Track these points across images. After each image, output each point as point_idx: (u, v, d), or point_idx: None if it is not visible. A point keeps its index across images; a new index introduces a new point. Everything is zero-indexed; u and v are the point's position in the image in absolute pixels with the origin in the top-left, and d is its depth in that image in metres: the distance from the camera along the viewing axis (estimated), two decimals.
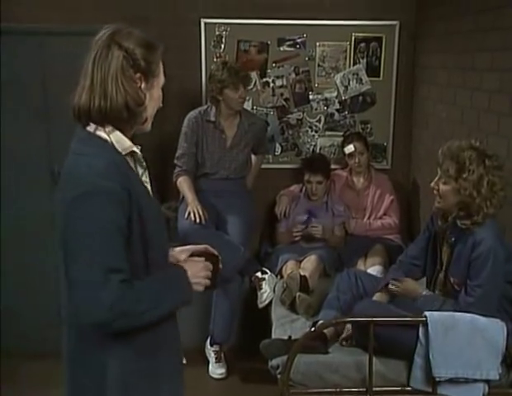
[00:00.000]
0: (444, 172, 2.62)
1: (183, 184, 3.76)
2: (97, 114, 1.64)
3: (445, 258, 2.79)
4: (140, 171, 1.76)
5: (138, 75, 1.67)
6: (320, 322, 2.86)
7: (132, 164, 1.72)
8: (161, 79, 1.76)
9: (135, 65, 1.65)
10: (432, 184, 2.71)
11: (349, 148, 4.10)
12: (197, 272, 1.78)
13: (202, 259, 1.83)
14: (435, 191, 2.70)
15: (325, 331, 2.81)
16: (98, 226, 1.55)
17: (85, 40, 1.76)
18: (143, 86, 1.68)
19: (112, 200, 1.56)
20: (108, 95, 1.62)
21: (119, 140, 1.67)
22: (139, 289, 1.59)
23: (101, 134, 1.65)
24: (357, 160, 4.10)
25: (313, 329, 2.67)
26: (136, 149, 1.72)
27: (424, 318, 2.57)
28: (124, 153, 1.68)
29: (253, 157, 4.02)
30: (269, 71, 4.31)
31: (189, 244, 3.60)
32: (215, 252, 1.91)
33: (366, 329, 2.58)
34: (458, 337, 2.54)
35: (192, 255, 1.88)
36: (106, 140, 1.65)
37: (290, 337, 2.91)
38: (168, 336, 1.78)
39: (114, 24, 1.75)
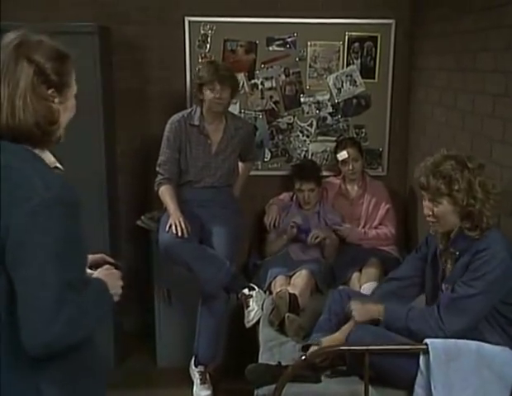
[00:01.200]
0: (434, 192, 2.43)
1: (165, 193, 3.53)
2: (5, 132, 1.55)
3: (448, 273, 2.59)
4: None
5: (50, 91, 1.58)
6: (311, 350, 2.65)
7: None
8: (74, 88, 1.69)
9: (47, 80, 1.57)
10: (425, 211, 2.52)
11: (342, 155, 3.91)
12: (115, 283, 1.75)
13: (113, 268, 1.84)
14: (430, 218, 2.51)
15: None
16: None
17: (62, 38, 1.70)
18: (56, 100, 1.60)
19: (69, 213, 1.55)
20: (16, 113, 1.53)
21: (46, 156, 1.64)
22: (83, 303, 1.57)
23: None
24: (350, 167, 3.90)
25: (303, 358, 2.44)
26: (59, 165, 1.67)
27: (424, 346, 2.36)
28: (51, 166, 1.64)
29: (240, 164, 3.80)
30: (258, 72, 4.12)
31: (171, 258, 3.39)
32: (113, 260, 1.92)
33: (361, 357, 2.36)
34: (463, 367, 2.33)
35: (90, 266, 1.82)
36: (31, 153, 1.59)
37: (279, 362, 2.70)
38: (92, 355, 1.73)
39: (21, 30, 1.60)
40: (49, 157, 1.64)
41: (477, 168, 2.43)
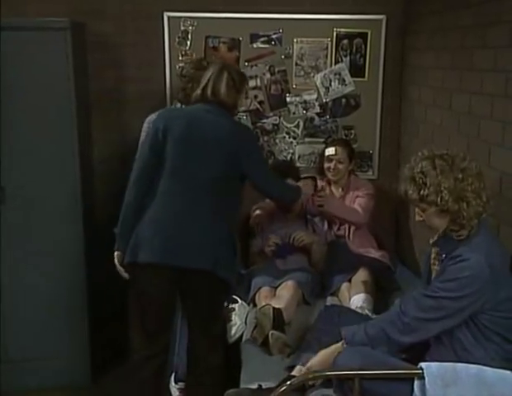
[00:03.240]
0: (411, 201, 2.34)
1: None
2: None
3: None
4: None
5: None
6: (296, 372, 2.48)
7: None
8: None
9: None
10: (416, 218, 2.40)
11: (330, 150, 3.80)
12: None
13: None
14: (423, 222, 2.39)
15: None
16: None
17: (32, 34, 1.51)
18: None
19: None
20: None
21: None
22: None
23: None
24: (332, 166, 3.78)
25: (288, 383, 2.24)
26: None
27: (420, 371, 2.16)
28: None
29: None
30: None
31: None
32: None
33: (350, 383, 2.18)
34: (461, 394, 2.12)
35: None
36: None
37: (260, 386, 2.52)
38: None
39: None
40: None
41: (449, 165, 2.27)
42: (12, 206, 3.45)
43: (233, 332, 3.14)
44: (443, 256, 2.38)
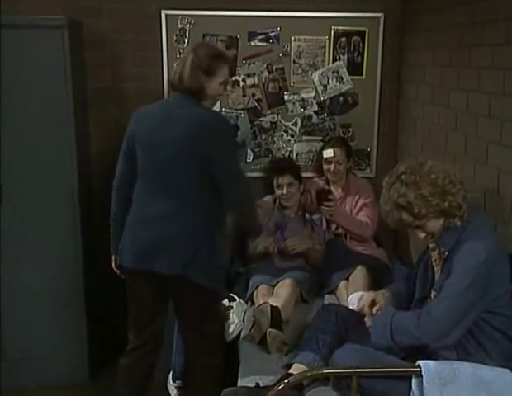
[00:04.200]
0: (412, 223, 2.33)
1: None
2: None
3: (438, 275, 2.47)
4: None
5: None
6: (294, 370, 2.48)
7: None
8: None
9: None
10: (421, 237, 2.40)
11: (328, 153, 3.78)
12: None
13: None
14: (428, 238, 2.41)
15: None
16: None
17: (29, 32, 1.52)
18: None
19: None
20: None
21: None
22: None
23: None
24: (332, 167, 3.78)
25: (286, 381, 2.23)
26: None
27: (417, 369, 2.16)
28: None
29: None
30: (239, 68, 3.94)
31: None
32: None
33: (348, 380, 2.19)
34: (459, 392, 2.13)
35: None
36: None
37: (257, 384, 2.51)
38: None
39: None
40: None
41: (413, 175, 2.32)
42: (10, 203, 3.44)
43: (231, 330, 3.13)
44: (446, 254, 2.39)
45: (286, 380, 2.23)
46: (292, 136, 4.06)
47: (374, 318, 2.45)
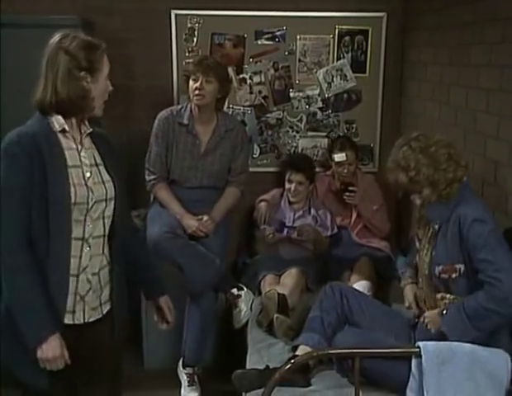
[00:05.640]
0: (406, 184, 2.50)
1: (164, 193, 3.49)
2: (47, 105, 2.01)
3: (428, 253, 2.56)
4: (70, 145, 2.04)
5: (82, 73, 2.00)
6: (300, 351, 2.58)
7: (63, 140, 2.02)
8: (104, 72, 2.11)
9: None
10: (417, 202, 2.54)
11: (341, 157, 3.82)
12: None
13: None
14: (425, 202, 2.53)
15: None
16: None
17: (41, 32, 1.78)
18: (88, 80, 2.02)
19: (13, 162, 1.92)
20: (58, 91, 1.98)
21: (57, 121, 2.01)
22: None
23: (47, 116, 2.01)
24: (345, 170, 3.84)
25: (292, 361, 2.35)
26: (67, 128, 2.02)
27: (417, 349, 2.28)
28: (58, 129, 2.01)
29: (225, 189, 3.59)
30: (246, 66, 4.04)
31: (160, 254, 3.09)
32: None
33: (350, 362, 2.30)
34: (456, 371, 2.25)
35: None
36: (45, 118, 2.01)
37: (267, 366, 2.62)
38: None
39: None
40: (59, 123, 2.01)
41: (425, 141, 2.48)
42: None
43: (240, 317, 3.26)
44: (437, 226, 2.51)
45: (293, 361, 2.34)
46: (298, 132, 4.15)
47: (444, 320, 2.41)
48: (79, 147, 2.06)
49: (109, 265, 2.15)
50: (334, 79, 4.09)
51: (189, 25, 3.94)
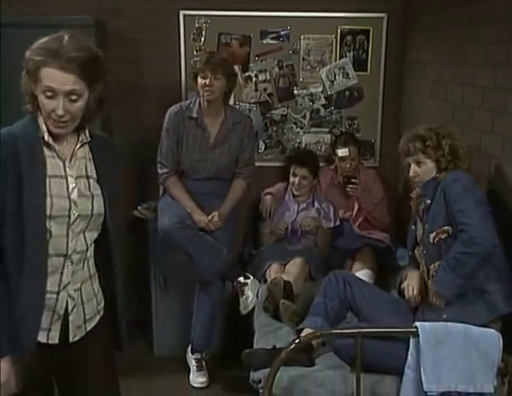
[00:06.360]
0: (417, 151, 2.71)
1: (175, 187, 3.60)
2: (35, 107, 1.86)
3: (422, 227, 2.75)
4: (50, 153, 1.86)
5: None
6: (304, 334, 2.70)
7: (47, 147, 1.86)
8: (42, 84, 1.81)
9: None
10: (411, 174, 2.74)
11: (344, 152, 3.93)
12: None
13: None
14: (416, 178, 2.75)
15: None
16: None
17: (49, 32, 1.73)
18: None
19: None
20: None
21: (41, 126, 1.86)
22: None
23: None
24: (348, 165, 3.95)
25: (297, 340, 2.49)
26: (46, 136, 1.84)
27: (414, 329, 2.42)
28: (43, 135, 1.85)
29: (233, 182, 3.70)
30: (252, 65, 4.15)
31: (170, 244, 3.25)
32: None
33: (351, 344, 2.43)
34: (451, 350, 2.39)
35: None
36: (35, 121, 1.86)
37: (274, 346, 2.76)
38: None
39: None
40: (42, 129, 1.85)
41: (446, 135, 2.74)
42: None
43: (246, 304, 3.38)
44: (428, 202, 2.71)
45: (297, 340, 2.48)
46: (301, 128, 4.26)
47: (434, 281, 2.62)
48: (65, 156, 1.87)
49: (90, 278, 1.99)
50: (337, 77, 4.18)
51: (197, 25, 4.04)
